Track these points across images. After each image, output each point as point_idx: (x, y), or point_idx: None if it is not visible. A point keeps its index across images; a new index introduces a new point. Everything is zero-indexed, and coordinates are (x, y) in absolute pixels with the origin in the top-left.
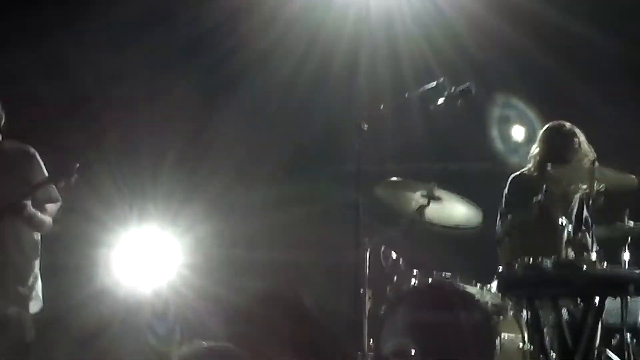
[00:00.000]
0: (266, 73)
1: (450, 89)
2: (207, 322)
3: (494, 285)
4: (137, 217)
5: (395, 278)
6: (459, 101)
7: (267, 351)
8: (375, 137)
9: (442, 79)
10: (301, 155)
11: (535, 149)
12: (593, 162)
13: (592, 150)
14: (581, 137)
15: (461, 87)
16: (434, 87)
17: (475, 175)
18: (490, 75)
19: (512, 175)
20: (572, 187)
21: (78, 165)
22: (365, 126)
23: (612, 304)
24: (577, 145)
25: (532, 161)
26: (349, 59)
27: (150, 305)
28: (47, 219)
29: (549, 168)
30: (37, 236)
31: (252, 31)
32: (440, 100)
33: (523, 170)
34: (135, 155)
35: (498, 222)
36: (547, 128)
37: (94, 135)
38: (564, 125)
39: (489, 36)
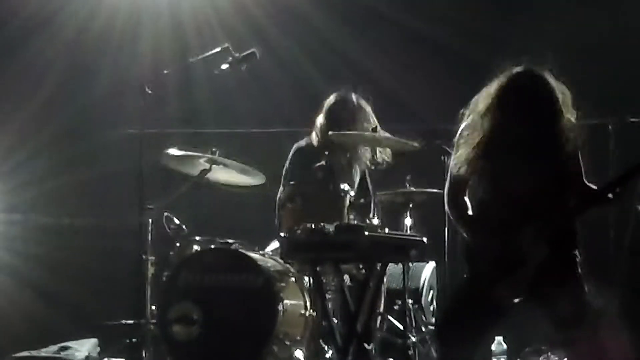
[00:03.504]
0: (49, 36)
1: (235, 54)
2: None
3: (271, 246)
4: None
5: (178, 243)
6: (244, 66)
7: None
8: (159, 100)
9: (226, 44)
10: (84, 119)
11: (320, 120)
12: (375, 129)
13: (374, 119)
14: (367, 108)
15: (246, 53)
16: (219, 52)
17: (258, 139)
18: (275, 40)
19: (296, 146)
20: (355, 153)
21: None
22: (149, 90)
23: (395, 269)
24: (360, 116)
25: (316, 131)
26: (131, 22)
27: None
28: None
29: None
30: None
31: None
32: (225, 66)
33: (306, 140)
34: None
35: (280, 189)
36: (332, 100)
37: None
38: (350, 99)
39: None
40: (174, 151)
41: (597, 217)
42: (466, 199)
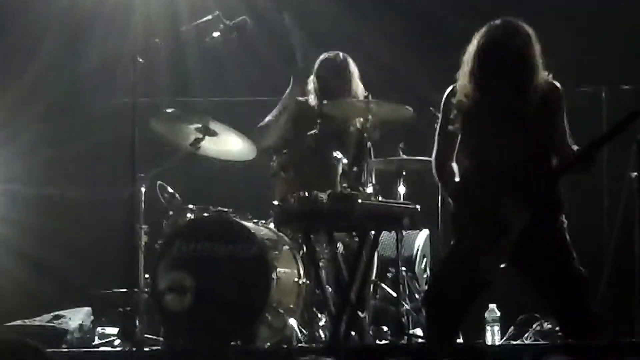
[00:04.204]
0: (41, 6)
1: (226, 22)
2: None
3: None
4: None
5: (171, 212)
6: (235, 34)
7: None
8: (151, 70)
9: (217, 12)
10: (76, 89)
11: (312, 84)
12: (367, 97)
13: (361, 87)
14: (354, 70)
15: (237, 20)
16: (209, 20)
17: (249, 108)
18: (265, 8)
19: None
20: (347, 121)
21: None
22: (141, 59)
23: (388, 237)
24: (349, 78)
25: (310, 95)
26: None
27: None
28: None
29: (324, 102)
30: None
31: None
32: (216, 34)
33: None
34: None
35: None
36: (321, 60)
37: None
38: (338, 57)
39: None
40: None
41: (590, 186)
42: (454, 165)
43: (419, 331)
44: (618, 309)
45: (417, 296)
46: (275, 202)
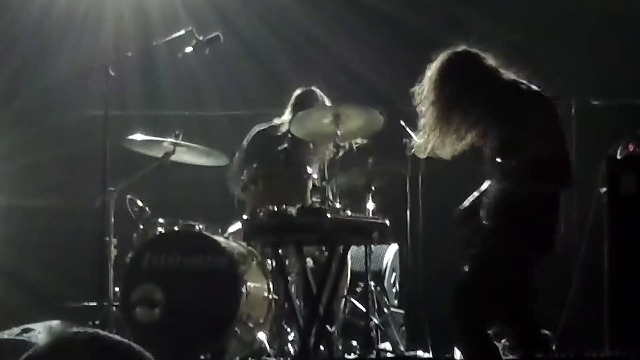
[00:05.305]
0: (11, 16)
1: (199, 38)
2: None
3: (233, 227)
4: None
5: (141, 225)
6: (207, 50)
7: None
8: (122, 83)
9: (190, 27)
10: (47, 100)
11: (287, 114)
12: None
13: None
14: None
15: (210, 36)
16: (182, 35)
17: (222, 122)
18: (238, 21)
19: (257, 128)
20: (318, 136)
21: None
22: (112, 72)
23: (357, 251)
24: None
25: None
26: (95, 4)
27: None
28: None
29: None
30: None
31: None
32: (189, 49)
33: (268, 124)
34: None
35: (232, 166)
36: (296, 95)
37: None
38: (310, 92)
39: None
40: (137, 136)
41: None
42: None
43: (387, 345)
44: (586, 322)
45: (385, 310)
46: (245, 216)
